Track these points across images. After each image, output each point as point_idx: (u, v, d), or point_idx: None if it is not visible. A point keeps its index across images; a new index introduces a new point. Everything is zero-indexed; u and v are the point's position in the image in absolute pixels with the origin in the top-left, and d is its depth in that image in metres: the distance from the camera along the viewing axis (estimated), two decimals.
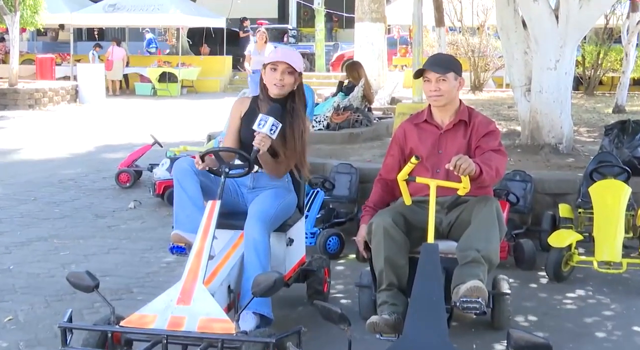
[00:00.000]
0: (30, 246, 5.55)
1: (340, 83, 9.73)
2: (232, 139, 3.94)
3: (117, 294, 4.43)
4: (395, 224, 3.52)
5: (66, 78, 19.81)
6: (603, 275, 4.72)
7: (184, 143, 8.92)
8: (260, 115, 3.65)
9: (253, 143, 3.65)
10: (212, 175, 3.78)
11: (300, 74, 3.88)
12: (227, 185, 3.81)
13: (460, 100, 3.82)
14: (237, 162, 3.83)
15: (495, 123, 3.86)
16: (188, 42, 24.48)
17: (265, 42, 11.51)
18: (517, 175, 5.66)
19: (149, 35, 24.57)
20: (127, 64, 22.22)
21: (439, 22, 14.01)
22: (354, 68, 9.40)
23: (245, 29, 23.46)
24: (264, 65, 3.90)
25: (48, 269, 4.96)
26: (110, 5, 20.76)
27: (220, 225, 3.52)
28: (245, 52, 11.85)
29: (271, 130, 3.61)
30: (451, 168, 3.36)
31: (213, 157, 3.70)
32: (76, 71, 18.74)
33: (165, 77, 20.44)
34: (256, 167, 3.83)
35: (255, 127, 3.65)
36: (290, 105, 3.89)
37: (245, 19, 23.52)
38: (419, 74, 3.82)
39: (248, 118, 3.89)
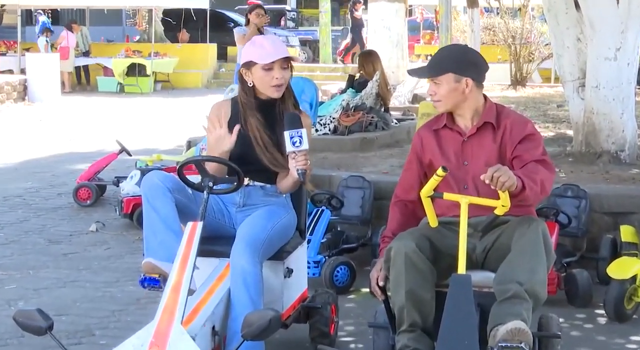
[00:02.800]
0: None
1: (351, 77, 9.74)
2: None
3: (76, 337, 4.43)
4: (420, 249, 3.52)
5: (12, 71, 19.89)
6: None
7: (157, 151, 8.95)
8: (288, 133, 3.71)
9: (297, 166, 3.72)
10: (191, 192, 3.80)
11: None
12: (211, 204, 3.83)
13: (486, 98, 3.80)
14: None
15: (533, 123, 3.82)
16: (169, 22, 24.47)
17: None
18: (569, 190, 5.67)
19: (42, 18, 24.01)
20: (88, 54, 22.33)
21: (472, 1, 14.09)
22: (368, 59, 9.40)
23: (355, 11, 23.04)
24: (249, 65, 3.92)
25: None
26: None
27: (202, 252, 3.53)
28: (239, 33, 9.62)
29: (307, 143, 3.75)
30: (487, 181, 3.37)
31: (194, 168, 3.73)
32: (25, 62, 18.83)
33: (135, 70, 20.52)
34: (247, 180, 3.86)
35: (290, 148, 3.71)
36: (281, 106, 3.98)
37: (358, 0, 23.31)
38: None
39: (234, 126, 3.92)
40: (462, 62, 3.72)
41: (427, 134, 3.85)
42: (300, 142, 3.71)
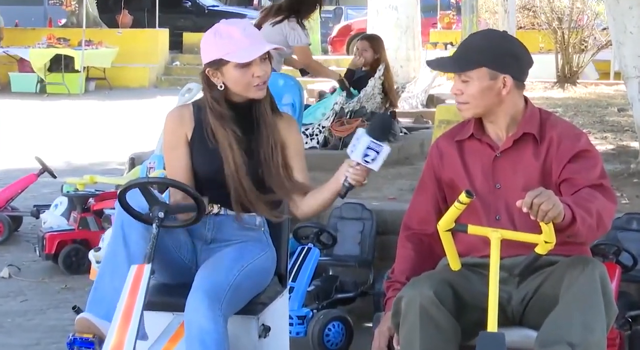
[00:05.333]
0: None
1: (351, 73, 9.64)
2: (182, 176, 3.94)
3: None
4: (440, 300, 3.53)
5: None
6: None
7: (90, 171, 8.93)
8: (368, 139, 3.74)
9: (351, 177, 3.82)
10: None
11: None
12: (180, 238, 3.84)
13: (527, 101, 3.80)
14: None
15: (587, 135, 3.84)
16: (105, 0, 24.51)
17: None
18: (634, 221, 5.68)
19: None
20: None
21: None
22: (373, 45, 9.37)
23: None
24: (217, 65, 3.91)
25: None
26: None
27: (152, 304, 3.54)
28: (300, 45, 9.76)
29: None
30: (525, 209, 3.38)
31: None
32: None
33: (61, 64, 20.50)
34: (216, 208, 3.86)
35: (358, 157, 3.77)
36: (257, 109, 4.01)
37: None
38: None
39: (201, 140, 3.94)
40: (500, 54, 3.72)
41: (448, 146, 3.86)
42: (373, 160, 3.76)
